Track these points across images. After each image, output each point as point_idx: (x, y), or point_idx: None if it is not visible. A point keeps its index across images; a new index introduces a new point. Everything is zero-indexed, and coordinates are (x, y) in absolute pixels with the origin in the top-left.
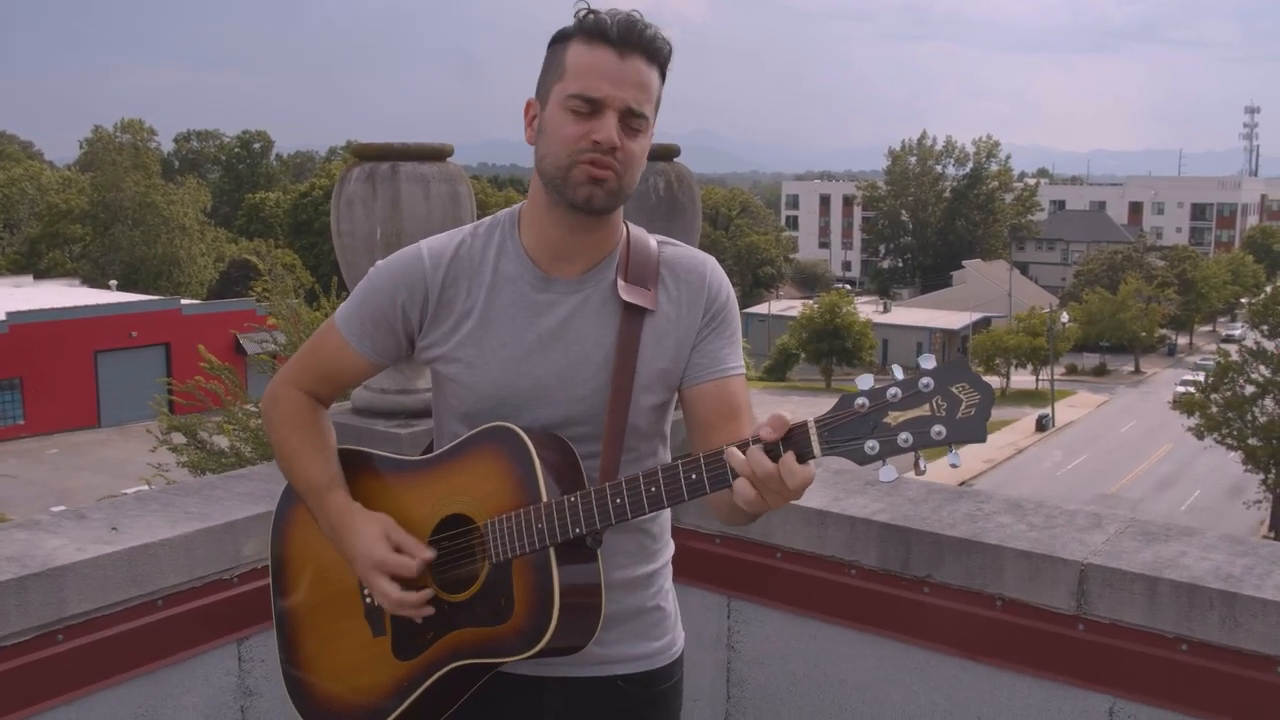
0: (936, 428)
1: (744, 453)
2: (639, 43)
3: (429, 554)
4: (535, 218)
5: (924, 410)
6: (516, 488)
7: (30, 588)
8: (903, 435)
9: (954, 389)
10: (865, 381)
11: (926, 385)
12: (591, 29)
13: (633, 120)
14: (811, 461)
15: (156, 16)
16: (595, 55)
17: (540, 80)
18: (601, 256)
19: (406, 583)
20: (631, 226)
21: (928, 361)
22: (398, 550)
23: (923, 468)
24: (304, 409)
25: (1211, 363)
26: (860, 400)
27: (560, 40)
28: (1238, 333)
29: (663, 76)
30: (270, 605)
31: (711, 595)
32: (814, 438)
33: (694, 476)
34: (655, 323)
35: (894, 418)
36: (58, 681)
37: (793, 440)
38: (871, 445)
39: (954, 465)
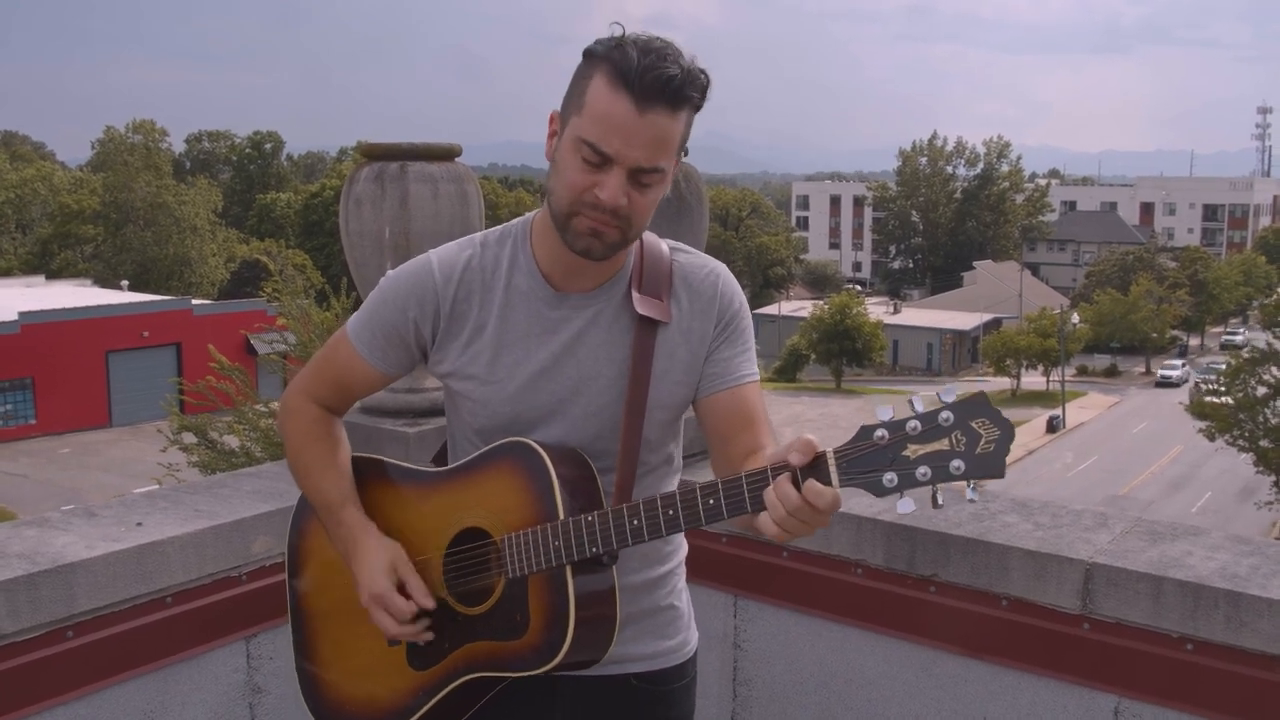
0: (955, 462)
1: (770, 479)
2: (663, 95)
3: (429, 603)
4: (547, 236)
5: (943, 444)
6: (533, 503)
7: (41, 584)
8: (921, 469)
9: (974, 424)
10: (884, 412)
11: (946, 419)
12: (617, 68)
13: (644, 175)
14: None
15: (162, 14)
16: (614, 104)
17: (566, 96)
18: (614, 269)
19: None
20: (644, 233)
21: (949, 395)
22: (401, 587)
23: (940, 502)
24: (318, 421)
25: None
26: (880, 432)
27: (589, 59)
28: (1175, 374)
29: (698, 107)
30: (279, 603)
31: (718, 594)
32: (832, 468)
33: (711, 502)
34: (668, 335)
35: (913, 450)
36: (67, 677)
37: (812, 470)
38: (890, 478)
39: (971, 500)
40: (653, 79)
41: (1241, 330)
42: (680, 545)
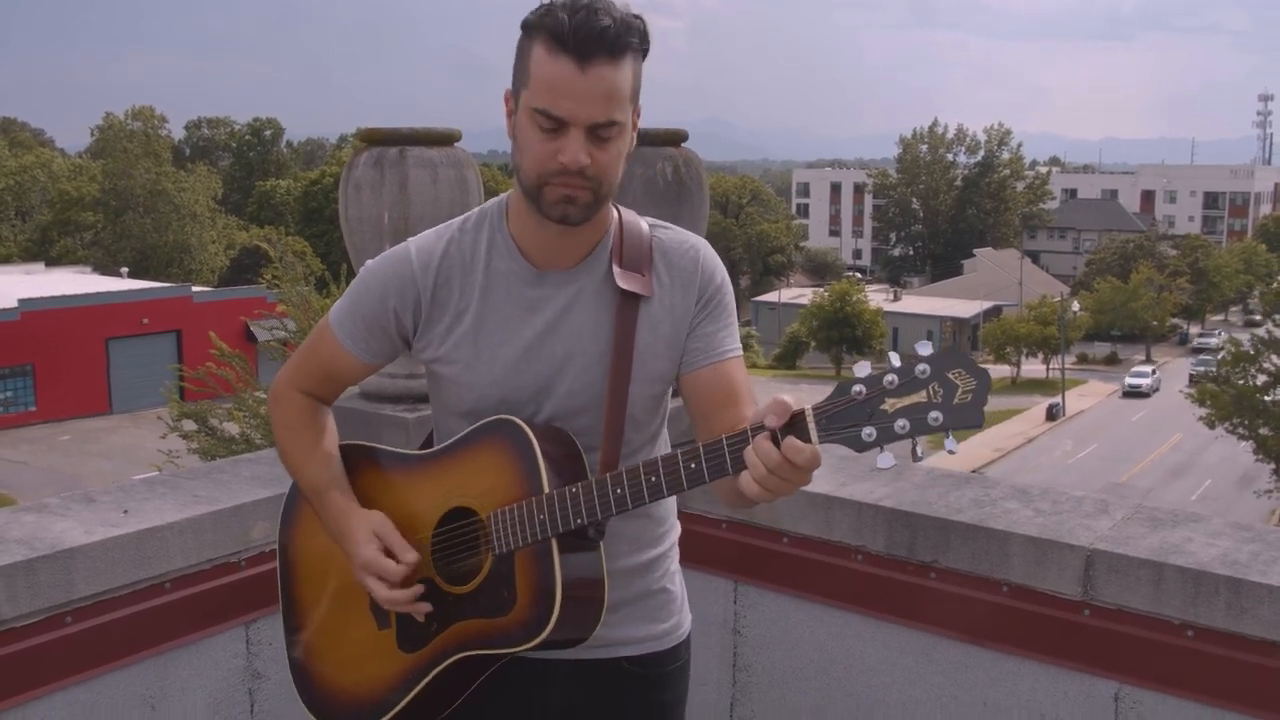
0: (933, 414)
1: (750, 440)
2: (600, 46)
3: (412, 557)
4: (523, 215)
5: (920, 397)
6: (519, 480)
7: (39, 570)
8: (900, 422)
9: (950, 375)
10: (862, 369)
11: (923, 372)
12: (552, 33)
13: (601, 130)
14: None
15: (164, 10)
16: (556, 68)
17: (513, 73)
18: (593, 245)
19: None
20: (622, 210)
21: (924, 348)
22: (387, 551)
23: (920, 454)
24: (304, 410)
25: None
26: (857, 387)
27: (527, 31)
28: (1145, 383)
29: (643, 54)
30: (276, 589)
31: (718, 579)
32: (811, 425)
33: (693, 466)
34: (650, 310)
35: (891, 404)
36: (67, 663)
37: (791, 429)
38: (869, 432)
39: (951, 452)
40: (587, 33)
41: (1218, 332)
42: (672, 528)
